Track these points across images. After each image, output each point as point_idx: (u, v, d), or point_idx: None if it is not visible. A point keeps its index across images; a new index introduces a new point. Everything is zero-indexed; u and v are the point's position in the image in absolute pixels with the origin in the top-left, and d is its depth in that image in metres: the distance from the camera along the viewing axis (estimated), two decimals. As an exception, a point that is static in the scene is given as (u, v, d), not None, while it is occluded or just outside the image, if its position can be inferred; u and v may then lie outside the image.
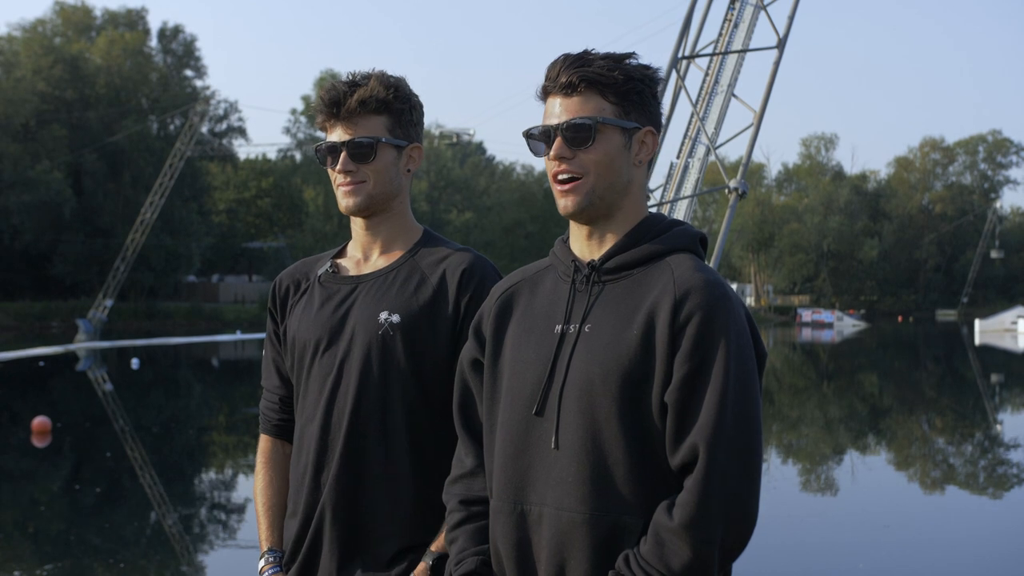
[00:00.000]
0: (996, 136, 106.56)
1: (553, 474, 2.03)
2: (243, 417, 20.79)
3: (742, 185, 15.51)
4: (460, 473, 2.24)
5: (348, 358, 2.48)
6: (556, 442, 2.03)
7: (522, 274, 2.28)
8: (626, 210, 2.14)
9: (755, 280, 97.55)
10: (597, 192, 2.10)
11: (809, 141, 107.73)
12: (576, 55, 2.11)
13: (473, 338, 2.26)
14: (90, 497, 12.48)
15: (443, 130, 76.89)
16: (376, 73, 2.57)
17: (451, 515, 2.21)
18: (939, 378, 32.74)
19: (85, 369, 32.18)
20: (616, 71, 2.09)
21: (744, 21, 18.60)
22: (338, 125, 2.54)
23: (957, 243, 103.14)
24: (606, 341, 2.03)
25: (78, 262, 60.80)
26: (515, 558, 2.07)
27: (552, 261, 2.23)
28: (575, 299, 2.11)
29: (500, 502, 2.09)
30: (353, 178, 2.53)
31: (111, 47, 65.19)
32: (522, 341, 2.15)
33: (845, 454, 16.36)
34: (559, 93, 2.11)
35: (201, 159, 66.49)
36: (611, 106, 2.10)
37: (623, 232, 2.13)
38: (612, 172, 2.11)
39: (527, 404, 2.08)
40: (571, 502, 2.00)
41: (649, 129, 2.16)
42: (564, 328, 2.09)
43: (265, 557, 2.61)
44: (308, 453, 2.51)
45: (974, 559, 9.33)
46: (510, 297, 2.24)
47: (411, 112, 2.59)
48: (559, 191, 2.12)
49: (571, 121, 2.08)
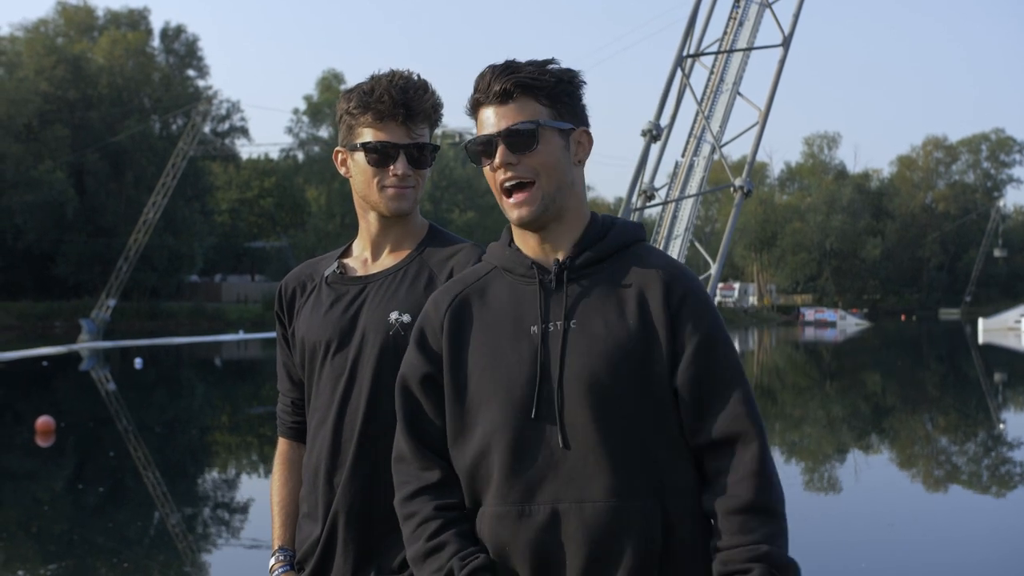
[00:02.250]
0: (999, 134, 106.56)
1: (563, 471, 2.03)
2: (246, 417, 20.81)
3: (747, 183, 15.49)
4: (425, 484, 2.16)
5: (360, 359, 2.46)
6: (563, 441, 2.03)
7: (462, 283, 2.27)
8: (574, 210, 2.18)
9: (758, 279, 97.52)
10: (549, 195, 2.12)
11: (812, 140, 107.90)
12: (503, 64, 2.15)
13: (419, 352, 2.21)
14: (93, 497, 12.48)
15: (445, 129, 76.90)
16: (421, 80, 2.56)
17: (427, 523, 2.12)
18: (942, 377, 32.71)
19: (88, 369, 32.23)
20: (546, 75, 2.13)
21: (749, 19, 18.61)
22: (399, 127, 2.51)
23: (960, 242, 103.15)
24: (601, 333, 2.06)
25: (81, 262, 60.82)
26: (531, 560, 2.05)
27: (499, 264, 2.23)
28: (548, 298, 2.12)
29: (505, 507, 2.06)
30: (409, 182, 2.54)
31: (113, 47, 65.23)
32: (493, 346, 2.13)
33: (848, 453, 16.34)
34: (493, 103, 2.13)
35: (204, 159, 66.51)
36: (546, 109, 2.13)
37: (576, 230, 2.18)
38: (558, 173, 2.14)
39: (521, 408, 2.07)
40: (594, 493, 2.01)
41: (584, 129, 2.20)
42: (543, 328, 2.10)
43: (276, 556, 2.61)
44: (321, 454, 2.50)
45: (978, 558, 9.30)
46: (460, 306, 2.21)
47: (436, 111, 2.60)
48: (510, 203, 2.14)
49: (513, 127, 2.11)
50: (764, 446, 2.06)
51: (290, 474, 2.68)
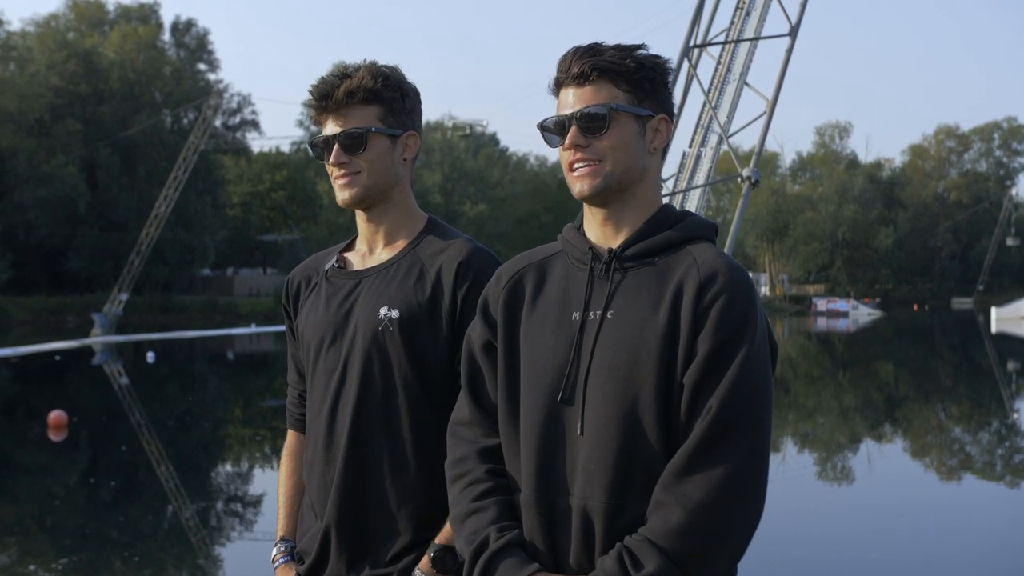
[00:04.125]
0: (1011, 123, 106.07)
1: (579, 462, 2.03)
2: (259, 410, 20.85)
3: (755, 173, 15.48)
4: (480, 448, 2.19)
5: (351, 354, 2.48)
6: (582, 428, 2.03)
7: (528, 259, 2.27)
8: (641, 197, 2.15)
9: (770, 269, 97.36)
10: (614, 176, 2.10)
11: (823, 130, 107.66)
12: (587, 46, 2.13)
13: (482, 320, 2.24)
14: (106, 491, 12.52)
15: (456, 121, 76.99)
16: (366, 64, 2.55)
17: (476, 484, 2.14)
18: (955, 366, 32.62)
19: (101, 363, 32.30)
20: (628, 59, 2.10)
21: (756, 9, 18.57)
22: (329, 118, 2.53)
23: (972, 231, 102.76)
24: (632, 327, 2.03)
25: (93, 256, 60.99)
26: (547, 550, 2.06)
27: (563, 247, 2.23)
28: (594, 286, 2.11)
29: (528, 494, 2.08)
30: (347, 170, 2.51)
31: (124, 41, 65.37)
32: (537, 329, 2.14)
33: (860, 443, 16.31)
34: (572, 84, 2.12)
35: (215, 153, 66.68)
36: (624, 94, 2.10)
37: (640, 220, 2.14)
38: (627, 158, 2.11)
39: (550, 392, 2.08)
40: (595, 491, 2.00)
41: (663, 117, 2.16)
42: (584, 315, 2.09)
43: (278, 546, 2.64)
44: (316, 449, 2.52)
45: (988, 548, 9.28)
46: (518, 282, 2.22)
47: (403, 99, 2.56)
48: (574, 176, 2.12)
49: (585, 110, 2.09)
50: (726, 428, 1.92)
51: (296, 466, 2.70)
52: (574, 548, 2.02)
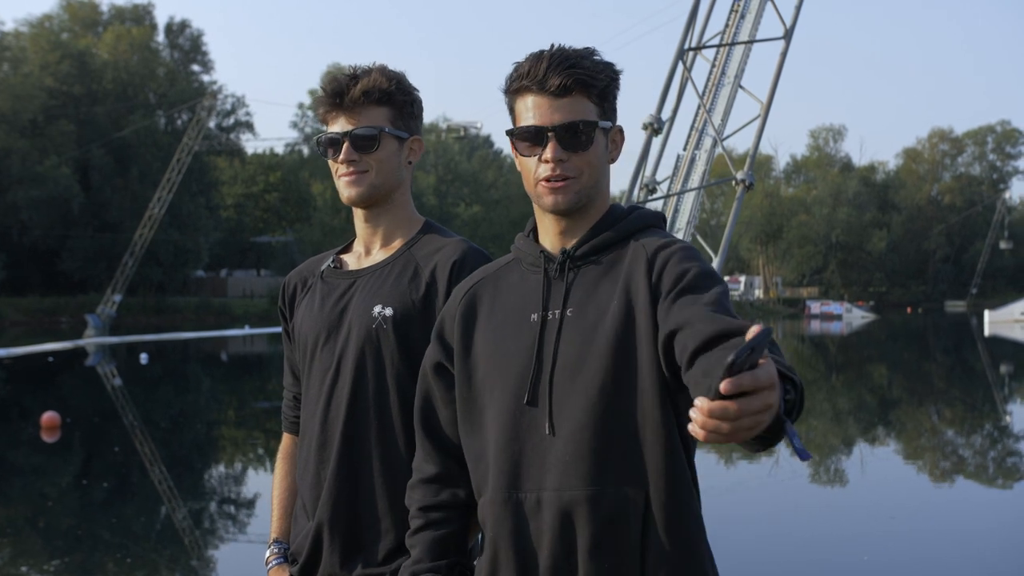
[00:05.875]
0: (1005, 126, 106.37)
1: (549, 459, 2.03)
2: (252, 412, 20.83)
3: (749, 177, 15.49)
4: (420, 478, 2.25)
5: (345, 353, 2.49)
6: (551, 428, 2.03)
7: (483, 272, 2.31)
8: (598, 205, 2.18)
9: (764, 272, 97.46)
10: (586, 191, 2.13)
11: (817, 133, 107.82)
12: (559, 55, 2.09)
13: (437, 343, 2.25)
14: (99, 492, 12.51)
15: (451, 123, 76.95)
16: (378, 66, 2.59)
17: (411, 520, 2.24)
18: (948, 369, 32.67)
19: (94, 364, 32.27)
20: (602, 73, 2.10)
21: (751, 12, 18.60)
22: (341, 116, 2.54)
23: (966, 234, 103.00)
24: (592, 320, 2.05)
25: (86, 257, 60.95)
26: (514, 547, 2.06)
27: (516, 255, 2.26)
28: (551, 286, 2.13)
29: (494, 493, 2.09)
30: (356, 168, 2.53)
31: (118, 42, 65.35)
32: (498, 334, 2.15)
33: (852, 445, 16.33)
34: (546, 94, 2.09)
35: (209, 154, 66.64)
36: (595, 107, 2.11)
37: (593, 221, 2.16)
38: (597, 172, 2.14)
39: (516, 394, 2.08)
40: (573, 481, 2.00)
41: (619, 127, 2.20)
42: (543, 315, 2.11)
43: (271, 548, 2.66)
44: (310, 449, 2.53)
45: (981, 551, 9.30)
46: (473, 296, 2.25)
47: (412, 105, 2.60)
48: (547, 188, 2.11)
49: (572, 124, 2.08)
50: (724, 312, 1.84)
51: (291, 468, 2.71)
52: (548, 541, 2.02)
